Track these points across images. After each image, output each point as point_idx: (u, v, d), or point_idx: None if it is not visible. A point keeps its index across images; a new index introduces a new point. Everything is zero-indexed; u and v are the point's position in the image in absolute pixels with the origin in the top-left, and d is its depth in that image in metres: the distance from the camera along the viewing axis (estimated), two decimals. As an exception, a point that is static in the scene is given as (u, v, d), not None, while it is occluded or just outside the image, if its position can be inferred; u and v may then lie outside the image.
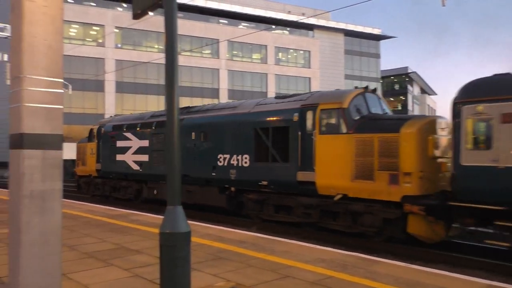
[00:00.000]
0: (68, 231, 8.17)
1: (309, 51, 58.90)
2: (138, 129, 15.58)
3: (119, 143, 16.37)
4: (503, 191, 7.12)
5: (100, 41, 49.08)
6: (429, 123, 8.77)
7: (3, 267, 5.68)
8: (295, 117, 10.42)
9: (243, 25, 57.06)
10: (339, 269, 5.54)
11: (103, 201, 16.54)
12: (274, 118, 11.00)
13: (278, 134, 10.82)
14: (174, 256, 2.94)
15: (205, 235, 7.72)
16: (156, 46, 51.31)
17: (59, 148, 4.09)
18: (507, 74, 7.82)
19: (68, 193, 18.04)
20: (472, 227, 8.35)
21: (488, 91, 7.69)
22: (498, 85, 7.71)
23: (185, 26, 49.49)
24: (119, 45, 49.44)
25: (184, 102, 46.89)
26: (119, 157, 16.29)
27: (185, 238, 3.04)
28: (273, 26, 57.80)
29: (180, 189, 2.91)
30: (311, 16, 43.68)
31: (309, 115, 10.16)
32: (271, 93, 55.63)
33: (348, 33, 63.95)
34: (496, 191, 7.24)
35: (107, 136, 17.23)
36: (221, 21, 55.41)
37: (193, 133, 13.27)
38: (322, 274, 5.34)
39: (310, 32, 61.16)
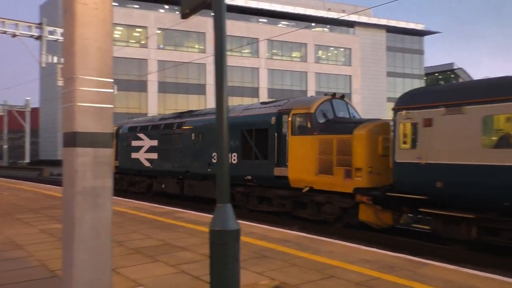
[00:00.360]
0: (116, 227, 8.39)
1: (349, 49, 58.04)
2: (149, 130, 17.36)
3: (134, 143, 18.11)
4: (425, 183, 8.56)
5: (143, 42, 50.38)
6: (381, 126, 10.12)
7: (57, 260, 5.91)
8: (273, 120, 11.95)
9: (282, 23, 56.96)
10: (385, 271, 5.41)
11: (122, 194, 17.33)
12: (257, 121, 12.60)
13: (260, 135, 12.36)
14: (224, 253, 2.96)
15: (249, 233, 7.74)
16: (197, 46, 52.10)
17: (109, 146, 4.20)
18: (434, 85, 9.22)
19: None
20: (420, 215, 9.39)
21: (415, 100, 9.14)
22: (422, 95, 9.32)
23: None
24: (161, 46, 50.55)
25: None
26: (133, 155, 18.02)
27: (235, 236, 3.05)
28: (313, 24, 57.40)
29: (229, 188, 2.91)
30: (352, 13, 43.01)
31: (284, 118, 11.68)
32: (311, 92, 55.24)
33: (390, 29, 62.51)
34: (420, 184, 8.67)
35: (124, 137, 19.04)
36: (260, 20, 55.52)
37: (193, 134, 14.91)
38: (368, 275, 5.23)
39: (351, 29, 60.24)
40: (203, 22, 51.11)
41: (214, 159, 13.49)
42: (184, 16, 3.11)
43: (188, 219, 9.50)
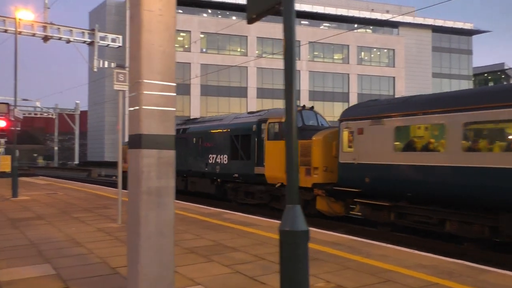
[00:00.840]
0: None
1: (393, 50, 56.81)
2: None
3: None
4: (358, 179, 10.80)
5: (187, 46, 51.42)
6: (335, 133, 11.99)
7: (116, 258, 6.14)
8: (254, 127, 14.31)
9: (324, 25, 56.58)
10: (444, 277, 5.28)
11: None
12: (242, 128, 14.98)
13: (244, 139, 14.72)
14: (293, 253, 3.00)
15: (298, 236, 7.75)
16: (239, 50, 52.58)
17: (172, 148, 4.34)
18: (367, 101, 12.08)
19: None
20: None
21: (352, 113, 11.50)
22: (357, 109, 11.69)
23: (266, 28, 50.18)
24: (204, 50, 51.39)
25: (266, 104, 47.54)
26: None
27: (305, 236, 3.09)
28: (356, 25, 56.65)
29: (298, 189, 2.95)
30: (397, 15, 41.97)
31: (263, 126, 14.01)
32: (353, 94, 54.55)
33: (436, 29, 60.72)
34: (355, 179, 10.90)
35: None
36: (302, 22, 55.36)
37: (194, 139, 17.43)
38: (425, 280, 5.12)
39: (395, 30, 58.97)
40: (246, 26, 51.51)
41: (210, 160, 16.36)
42: (251, 21, 3.17)
43: (235, 221, 9.61)
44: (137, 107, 4.20)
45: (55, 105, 55.01)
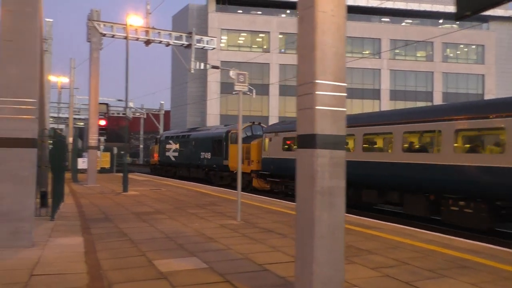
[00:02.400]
0: (287, 226, 8.71)
1: (482, 45, 53.36)
2: (174, 138, 30.45)
3: (167, 146, 30.62)
4: (268, 167, 18.65)
5: (265, 47, 51.92)
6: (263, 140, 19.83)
7: (257, 255, 6.27)
8: (224, 136, 23.37)
9: (406, 21, 54.45)
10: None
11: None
12: (218, 135, 24.31)
13: (219, 143, 23.76)
14: None
15: (428, 241, 7.47)
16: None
17: (343, 148, 4.33)
18: (277, 122, 21.98)
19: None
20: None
21: (268, 129, 20.02)
22: (270, 127, 20.30)
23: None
24: (283, 50, 51.58)
25: (399, 106, 46.47)
26: (166, 153, 30.54)
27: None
28: (441, 21, 53.94)
29: None
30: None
31: (228, 134, 22.88)
32: (438, 93, 51.99)
33: (533, 22, 56.09)
34: (268, 167, 18.74)
35: (162, 142, 32.33)
36: (383, 19, 53.73)
37: (193, 142, 26.33)
38: None
39: (484, 24, 55.30)
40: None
41: (201, 156, 25.71)
42: (461, 18, 3.04)
43: (353, 223, 9.47)
44: (310, 108, 4.24)
45: (141, 106, 57.97)
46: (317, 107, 4.20)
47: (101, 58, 18.56)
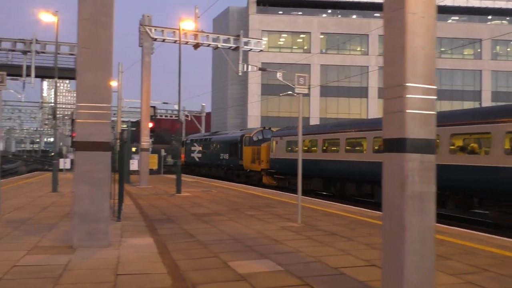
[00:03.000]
0: (349, 230, 8.63)
1: (534, 42, 50.99)
2: (198, 141, 34.90)
3: (192, 148, 33.23)
4: (275, 166, 22.48)
5: (306, 47, 51.69)
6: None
7: (329, 258, 6.24)
8: (239, 139, 27.14)
9: (452, 18, 52.79)
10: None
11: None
12: (234, 139, 28.08)
13: (235, 145, 27.43)
14: None
15: (502, 247, 7.21)
16: (359, 49, 51.43)
17: (433, 152, 4.25)
18: (280, 129, 24.80)
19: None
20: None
21: (275, 134, 23.67)
22: (277, 132, 23.83)
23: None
24: (324, 50, 51.18)
25: (445, 106, 45.50)
26: (191, 154, 32.92)
27: None
28: (490, 17, 51.99)
29: None
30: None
31: (242, 138, 26.55)
32: (487, 92, 50.13)
33: None
34: (275, 166, 22.48)
35: (188, 144, 35.92)
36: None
37: (215, 144, 29.53)
38: None
39: (537, 20, 52.87)
40: (366, 24, 50.22)
41: (221, 157, 29.78)
42: None
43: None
44: (400, 111, 4.18)
45: (183, 108, 58.93)
46: (407, 111, 4.13)
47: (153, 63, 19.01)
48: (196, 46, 19.53)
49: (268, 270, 5.60)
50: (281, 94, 38.12)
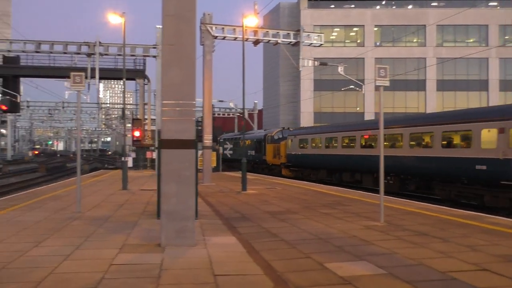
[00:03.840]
0: (438, 229, 8.11)
1: None
2: (229, 139, 39.34)
3: (224, 146, 35.79)
4: (291, 159, 27.63)
5: (359, 41, 50.41)
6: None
7: (432, 261, 5.81)
8: (263, 137, 32.98)
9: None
10: None
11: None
12: (259, 137, 33.95)
13: (260, 143, 33.38)
14: None
15: None
16: (416, 40, 49.51)
17: None
18: (295, 128, 34.17)
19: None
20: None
21: (290, 133, 29.59)
22: (291, 131, 30.39)
23: (447, 14, 46.28)
24: (378, 43, 49.71)
25: (448, 97, 43.46)
26: (225, 152, 34.56)
27: None
28: (495, 3, 48.46)
29: None
30: None
31: (265, 137, 32.46)
32: (494, 81, 47.25)
33: None
34: (291, 160, 27.54)
35: (221, 142, 39.32)
36: (490, 3, 49.49)
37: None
38: None
39: None
40: (423, 14, 48.30)
41: (249, 153, 33.87)
42: None
43: (506, 225, 8.58)
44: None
45: (235, 105, 59.29)
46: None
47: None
48: (256, 42, 19.36)
49: (370, 273, 5.27)
50: (343, 89, 37.36)
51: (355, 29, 50.50)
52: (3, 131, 73.00)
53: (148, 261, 5.81)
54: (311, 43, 19.95)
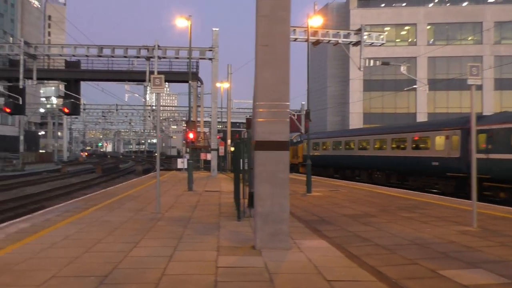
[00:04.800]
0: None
1: None
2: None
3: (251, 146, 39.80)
4: (316, 161, 28.15)
5: (410, 40, 49.03)
6: (306, 142, 27.62)
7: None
8: (290, 140, 27.68)
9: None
10: None
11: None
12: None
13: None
14: None
15: None
16: (471, 38, 47.59)
17: None
18: (314, 132, 34.05)
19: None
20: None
21: (305, 137, 29.97)
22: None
23: (506, 11, 44.19)
24: (431, 42, 48.17)
25: (507, 96, 41.66)
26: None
27: None
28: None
29: None
30: None
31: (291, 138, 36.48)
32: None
33: None
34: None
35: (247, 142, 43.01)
36: None
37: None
38: None
39: None
40: (480, 11, 46.43)
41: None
42: None
43: None
44: None
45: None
46: None
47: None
48: (316, 42, 19.15)
49: (495, 282, 4.96)
50: (406, 89, 36.43)
51: (406, 27, 49.20)
52: (59, 133, 76.33)
53: (252, 264, 5.74)
54: (372, 43, 19.51)
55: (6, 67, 32.99)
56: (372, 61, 19.28)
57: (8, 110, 29.82)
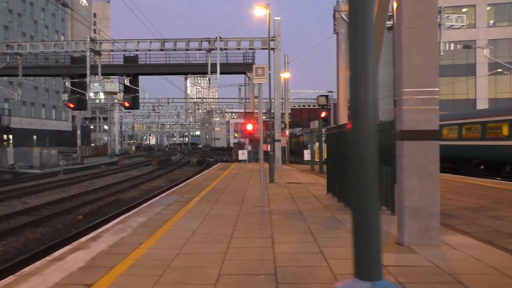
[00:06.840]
0: None
1: None
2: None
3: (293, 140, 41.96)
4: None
5: (469, 22, 46.76)
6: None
7: None
8: (290, 134, 43.03)
9: None
10: None
11: None
12: (291, 133, 43.92)
13: (289, 138, 40.83)
14: None
15: None
16: (536, 18, 44.89)
17: None
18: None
19: None
20: None
21: (305, 131, 36.71)
22: (306, 130, 34.96)
23: None
24: (491, 23, 45.81)
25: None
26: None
27: None
28: None
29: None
30: None
31: (292, 133, 44.26)
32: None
33: None
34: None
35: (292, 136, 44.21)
36: None
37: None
38: None
39: None
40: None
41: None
42: None
43: None
44: None
45: (331, 97, 58.23)
46: None
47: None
48: (389, 28, 18.33)
49: None
50: (489, 73, 34.92)
51: (464, 9, 46.91)
52: (105, 127, 78.27)
53: (418, 263, 5.35)
54: (452, 25, 18.50)
55: (68, 64, 33.90)
56: (452, 45, 18.25)
57: (72, 105, 30.68)
